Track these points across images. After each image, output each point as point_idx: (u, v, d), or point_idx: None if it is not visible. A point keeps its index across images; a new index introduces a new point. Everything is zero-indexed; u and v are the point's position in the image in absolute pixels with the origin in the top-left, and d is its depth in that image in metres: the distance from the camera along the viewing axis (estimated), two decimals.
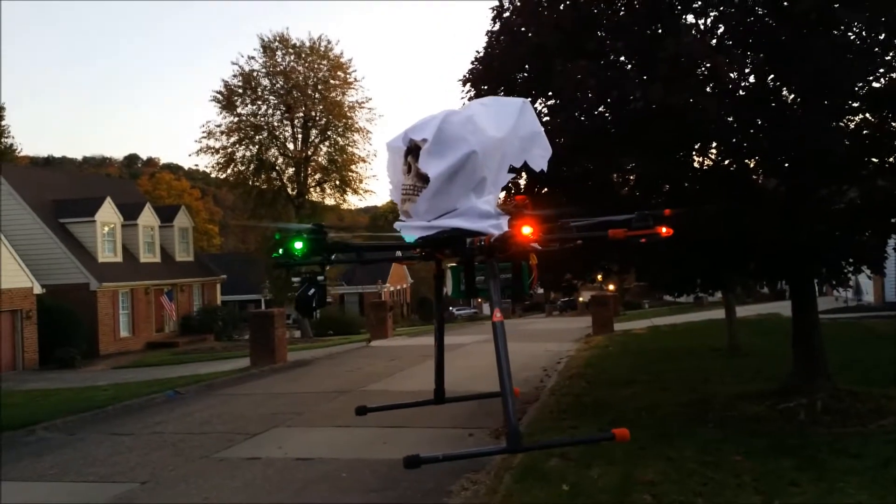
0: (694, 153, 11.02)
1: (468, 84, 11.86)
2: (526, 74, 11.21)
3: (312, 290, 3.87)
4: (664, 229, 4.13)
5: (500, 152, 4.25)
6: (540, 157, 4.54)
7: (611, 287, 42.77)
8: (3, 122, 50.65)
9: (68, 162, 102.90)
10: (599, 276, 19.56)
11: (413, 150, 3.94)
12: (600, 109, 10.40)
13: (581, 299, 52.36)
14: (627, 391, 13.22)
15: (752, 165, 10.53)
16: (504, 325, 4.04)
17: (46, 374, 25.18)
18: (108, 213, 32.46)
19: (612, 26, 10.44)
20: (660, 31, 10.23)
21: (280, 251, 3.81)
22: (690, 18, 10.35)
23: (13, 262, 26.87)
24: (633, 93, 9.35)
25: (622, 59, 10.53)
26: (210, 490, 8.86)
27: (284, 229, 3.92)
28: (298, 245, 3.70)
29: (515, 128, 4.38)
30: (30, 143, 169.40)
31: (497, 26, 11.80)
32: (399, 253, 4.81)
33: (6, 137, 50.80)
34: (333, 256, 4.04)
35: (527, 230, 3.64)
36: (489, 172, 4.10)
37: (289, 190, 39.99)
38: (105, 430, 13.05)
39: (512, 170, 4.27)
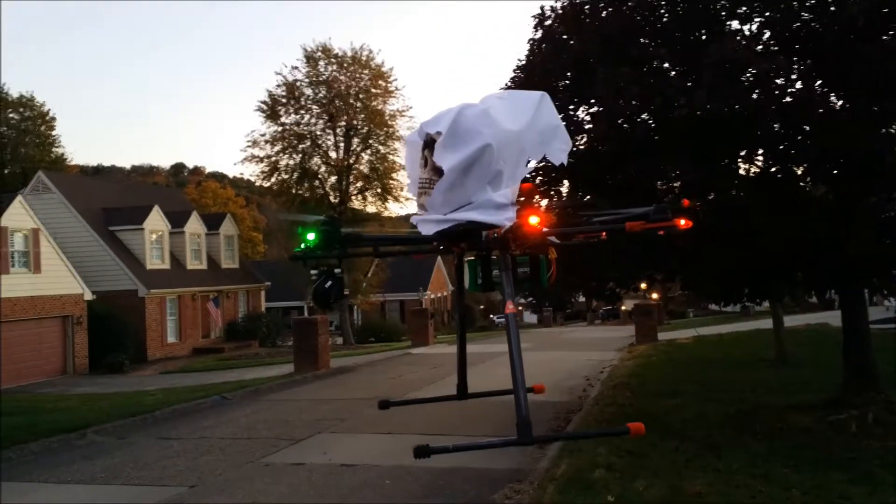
0: (740, 160, 10.89)
1: None
2: (568, 81, 11.21)
3: (329, 283, 3.90)
4: (683, 221, 4.09)
5: (518, 145, 4.24)
6: (560, 150, 4.50)
7: (654, 296, 42.27)
8: (54, 133, 52.14)
9: (117, 171, 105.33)
10: (643, 285, 19.38)
11: (429, 143, 3.94)
12: (644, 116, 10.35)
13: (624, 308, 51.83)
14: (673, 402, 13.06)
15: (799, 172, 10.37)
16: (516, 317, 3.96)
17: (96, 378, 25.77)
18: (156, 221, 33.14)
19: (656, 33, 10.39)
20: (704, 37, 10.15)
21: (301, 246, 3.87)
22: (735, 24, 10.25)
23: (65, 268, 27.58)
24: (678, 100, 9.28)
25: (665, 65, 10.47)
26: (256, 495, 8.99)
27: (300, 221, 4.00)
28: (311, 236, 3.77)
29: (533, 121, 4.33)
30: (80, 152, 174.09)
31: (539, 34, 11.82)
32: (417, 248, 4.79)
33: (57, 147, 52.25)
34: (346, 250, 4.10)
35: (534, 220, 3.63)
36: (506, 166, 4.11)
37: (331, 198, 40.38)
38: (154, 433, 13.31)
39: (553, 179, 4.27)
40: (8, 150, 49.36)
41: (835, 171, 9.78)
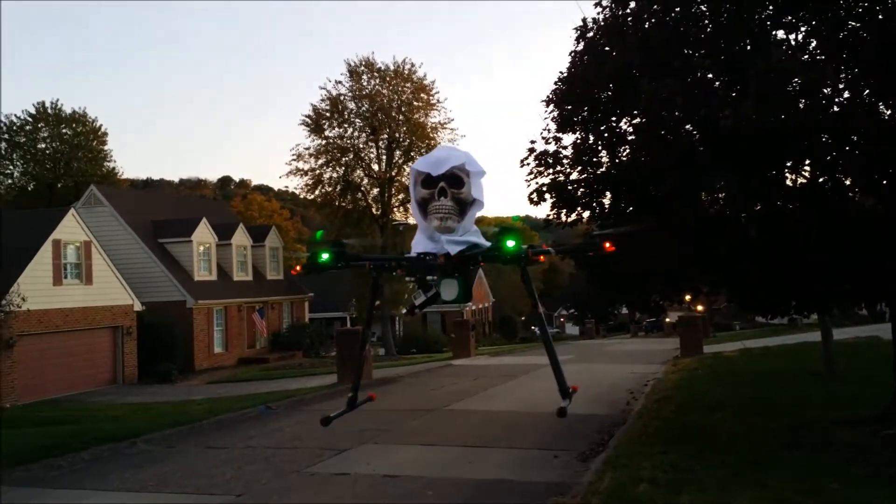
0: (786, 171, 10.74)
1: (551, 105, 11.94)
2: (610, 93, 11.22)
3: (423, 299, 4.75)
4: (607, 244, 4.72)
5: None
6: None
7: (699, 308, 41.66)
8: (106, 147, 53.52)
9: (165, 184, 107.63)
10: (688, 297, 19.15)
11: (449, 177, 4.45)
12: (687, 128, 10.30)
13: (668, 320, 51.17)
14: (718, 415, 12.87)
15: (847, 183, 10.19)
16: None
17: (145, 387, 26.32)
18: (203, 234, 33.79)
19: (699, 43, 10.33)
20: (749, 47, 10.07)
21: (309, 258, 4.87)
22: (781, 34, 10.15)
23: (115, 280, 28.28)
24: (722, 110, 9.21)
25: (709, 76, 10.40)
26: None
27: (319, 244, 4.94)
28: (325, 256, 4.65)
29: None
30: (130, 166, 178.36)
31: (581, 46, 11.85)
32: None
33: (108, 162, 53.60)
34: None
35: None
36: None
37: (373, 210, 40.77)
38: (202, 442, 13.55)
39: (596, 191, 4.49)
40: (61, 164, 50.80)
41: (883, 182, 9.60)
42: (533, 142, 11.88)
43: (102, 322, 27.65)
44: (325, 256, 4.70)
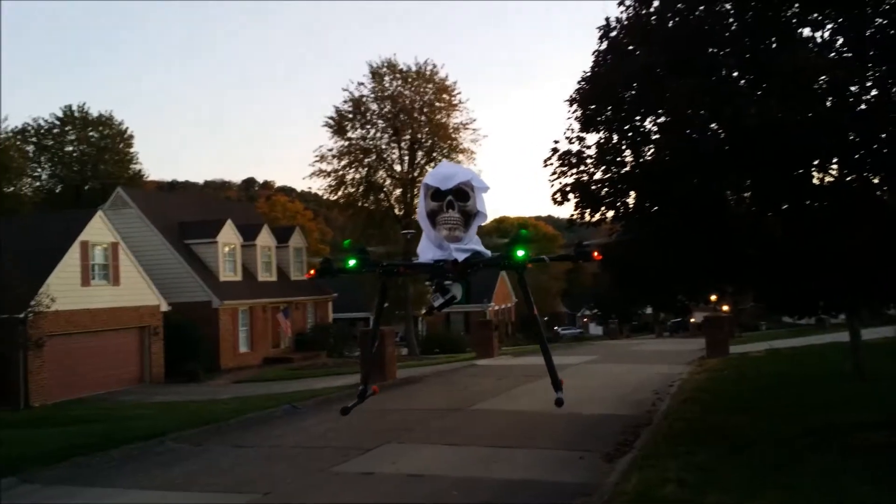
0: (813, 169, 10.64)
1: (574, 104, 11.92)
2: (634, 92, 11.17)
3: (442, 301, 5.00)
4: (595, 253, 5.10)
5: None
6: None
7: (725, 308, 41.29)
8: (132, 150, 54.17)
9: (191, 186, 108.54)
10: (713, 297, 19.00)
11: (456, 192, 5.00)
12: (713, 126, 10.24)
13: (693, 320, 50.77)
14: (745, 417, 12.77)
15: (875, 181, 10.08)
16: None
17: (172, 387, 26.60)
18: (228, 235, 34.08)
19: (724, 41, 10.27)
20: (774, 45, 10.00)
21: (322, 263, 5.33)
22: (807, 31, 10.06)
23: (142, 281, 28.61)
24: (748, 109, 9.16)
25: (734, 74, 10.34)
26: (328, 503, 9.18)
27: (345, 252, 5.20)
28: (353, 262, 5.04)
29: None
30: (156, 168, 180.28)
31: (604, 45, 11.81)
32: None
33: (135, 164, 54.25)
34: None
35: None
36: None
37: (396, 210, 40.88)
38: (229, 441, 13.69)
39: (620, 191, 4.57)
40: (88, 167, 51.51)
41: None
42: (556, 142, 11.88)
43: (130, 322, 27.99)
44: (351, 263, 5.06)
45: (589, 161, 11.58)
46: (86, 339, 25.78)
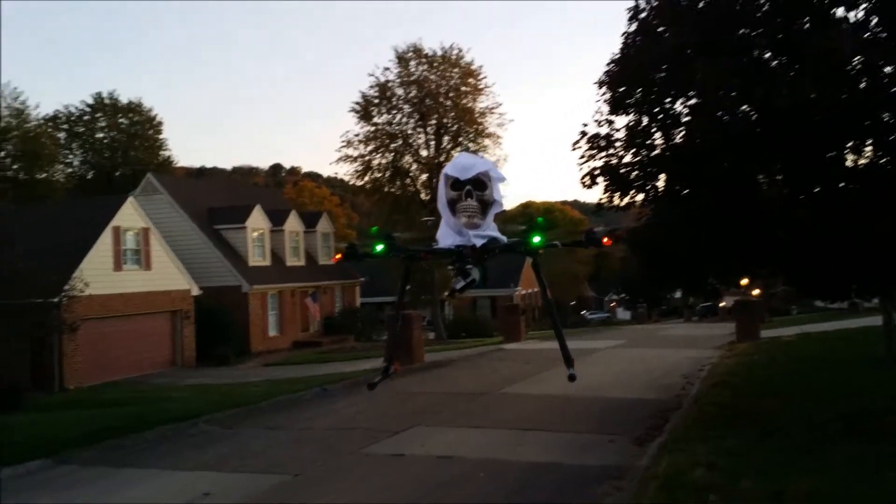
0: (846, 151, 10.47)
1: (603, 87, 11.82)
2: (664, 74, 11.05)
3: (463, 284, 5.27)
4: (605, 239, 5.35)
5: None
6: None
7: (756, 292, 40.83)
8: (162, 136, 54.71)
9: (219, 172, 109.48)
10: (744, 281, 18.81)
11: (474, 181, 5.27)
12: (744, 108, 10.11)
13: (723, 304, 50.31)
14: (775, 401, 12.66)
15: None
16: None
17: (204, 370, 26.98)
18: (257, 220, 34.36)
19: (755, 22, 10.11)
20: (807, 25, 9.82)
21: (355, 248, 5.67)
22: (840, 11, 9.86)
23: (173, 265, 28.97)
24: (780, 90, 9.02)
25: (766, 56, 10.17)
26: (358, 484, 9.30)
27: (373, 238, 5.51)
28: (380, 247, 5.33)
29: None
30: (185, 155, 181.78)
31: (633, 27, 11.68)
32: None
33: (164, 150, 54.80)
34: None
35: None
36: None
37: (422, 195, 40.91)
38: (260, 423, 13.88)
39: (650, 174, 4.61)
40: (119, 153, 52.14)
41: None
42: (585, 125, 11.80)
43: (162, 306, 28.37)
44: (379, 248, 5.33)
45: (618, 144, 11.49)
46: (119, 322, 26.20)
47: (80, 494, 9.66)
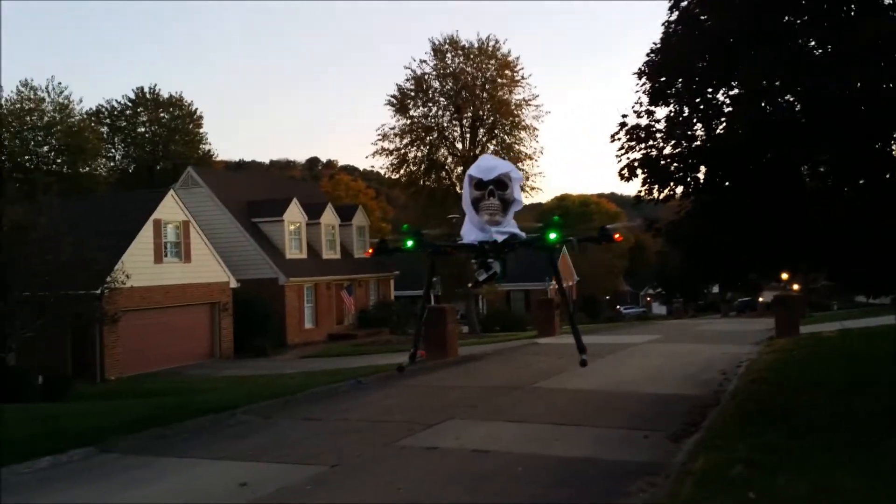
0: (893, 142, 10.19)
1: (643, 77, 11.66)
2: (706, 63, 10.85)
3: (486, 276, 5.96)
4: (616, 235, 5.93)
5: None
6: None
7: (796, 287, 40.13)
8: (202, 130, 55.44)
9: (257, 165, 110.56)
10: (785, 275, 18.48)
11: (496, 182, 5.63)
12: (788, 98, 9.90)
13: (762, 300, 49.56)
14: (816, 398, 12.40)
15: None
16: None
17: (241, 361, 27.33)
18: (294, 213, 34.67)
19: (800, 9, 9.88)
20: (854, 11, 9.57)
21: (386, 243, 6.25)
22: None
23: (212, 258, 29.37)
24: (826, 79, 8.79)
25: (812, 43, 9.94)
26: (394, 475, 9.31)
27: (405, 234, 6.00)
28: (410, 243, 5.84)
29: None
30: (223, 148, 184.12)
31: (674, 15, 11.51)
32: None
33: (204, 144, 55.56)
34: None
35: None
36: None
37: (457, 189, 40.87)
38: (297, 414, 13.97)
39: (690, 165, 4.68)
40: (160, 147, 52.99)
41: None
42: (624, 116, 11.65)
43: (200, 298, 28.80)
44: (409, 244, 5.84)
45: (658, 135, 11.32)
46: (158, 314, 26.65)
47: (120, 482, 9.81)
